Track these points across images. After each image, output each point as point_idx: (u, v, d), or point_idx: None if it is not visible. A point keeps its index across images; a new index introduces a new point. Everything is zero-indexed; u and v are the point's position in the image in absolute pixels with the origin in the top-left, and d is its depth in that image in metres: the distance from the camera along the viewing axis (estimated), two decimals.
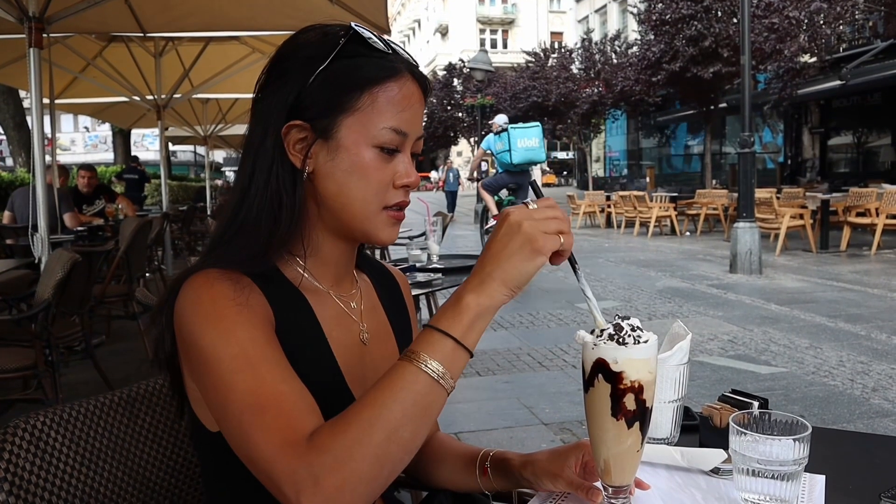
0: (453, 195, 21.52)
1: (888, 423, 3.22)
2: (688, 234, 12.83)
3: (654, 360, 0.76)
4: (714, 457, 0.92)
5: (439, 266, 2.94)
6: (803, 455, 0.79)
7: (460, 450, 1.00)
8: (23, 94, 11.19)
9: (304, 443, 0.67)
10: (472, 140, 23.73)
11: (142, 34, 5.49)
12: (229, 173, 36.20)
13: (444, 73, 33.23)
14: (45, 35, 3.71)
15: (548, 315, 5.72)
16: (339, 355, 0.86)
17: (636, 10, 17.77)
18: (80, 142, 42.07)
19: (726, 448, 0.87)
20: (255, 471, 0.69)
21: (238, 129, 11.35)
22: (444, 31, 51.51)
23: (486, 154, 8.97)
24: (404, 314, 1.03)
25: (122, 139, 19.13)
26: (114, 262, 4.61)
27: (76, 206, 6.50)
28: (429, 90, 0.88)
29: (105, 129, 34.35)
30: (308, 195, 0.84)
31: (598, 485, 0.83)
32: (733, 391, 1.08)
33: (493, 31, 50.35)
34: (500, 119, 8.31)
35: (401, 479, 1.04)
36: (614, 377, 0.74)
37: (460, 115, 30.91)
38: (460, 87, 31.55)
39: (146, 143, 35.40)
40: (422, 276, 2.72)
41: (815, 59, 15.77)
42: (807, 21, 14.38)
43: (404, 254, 3.14)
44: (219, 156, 35.43)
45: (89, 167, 7.35)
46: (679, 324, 1.05)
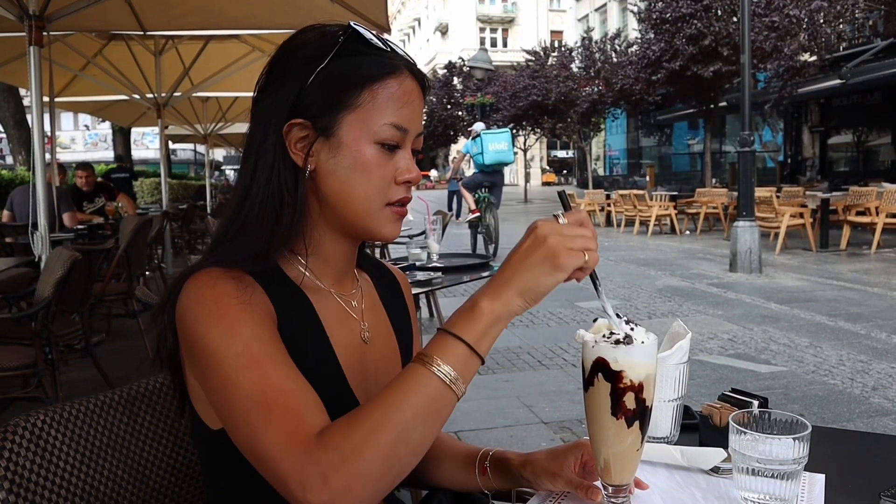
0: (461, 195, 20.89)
1: (888, 421, 3.22)
2: (688, 232, 12.82)
3: (654, 358, 0.76)
4: (714, 456, 0.92)
5: (439, 265, 2.94)
6: (803, 454, 0.79)
7: (460, 449, 1.00)
8: (23, 92, 11.17)
9: (311, 440, 0.67)
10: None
11: (142, 32, 5.48)
12: (229, 172, 36.22)
13: (444, 71, 33.20)
14: (45, 33, 3.71)
15: (548, 314, 5.72)
16: (341, 354, 0.86)
17: (636, 9, 17.75)
18: (80, 140, 42.05)
19: (726, 447, 0.87)
20: (260, 468, 0.69)
21: (238, 127, 11.34)
22: (444, 30, 51.49)
23: (465, 157, 9.92)
24: (405, 313, 1.04)
25: (122, 137, 19.13)
26: (114, 260, 4.60)
27: (76, 205, 6.50)
28: (427, 87, 0.88)
29: (105, 128, 34.37)
30: (310, 193, 0.84)
31: (597, 484, 0.83)
32: (733, 390, 1.08)
33: (493, 30, 50.34)
34: (478, 126, 9.50)
35: None
36: (614, 376, 0.74)
37: (460, 113, 30.87)
38: (460, 86, 31.53)
39: (146, 142, 35.39)
40: (422, 275, 2.71)
41: (815, 57, 15.77)
42: (807, 20, 14.38)
43: (404, 252, 3.13)
44: (219, 154, 35.42)
45: (86, 165, 7.35)
46: (679, 323, 1.06)
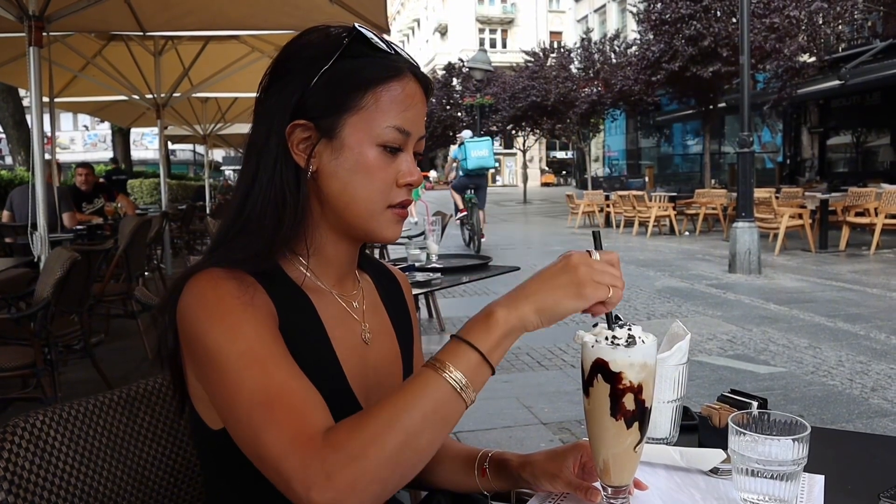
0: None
1: (887, 422, 3.22)
2: (687, 233, 12.82)
3: (654, 359, 0.76)
4: (713, 457, 0.92)
5: (438, 266, 2.94)
6: (802, 455, 0.79)
7: (459, 450, 1.00)
8: (22, 92, 11.18)
9: (315, 438, 0.67)
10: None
11: (141, 33, 5.48)
12: (228, 172, 36.20)
13: (444, 72, 33.23)
14: (44, 33, 3.71)
15: None
16: (342, 354, 0.86)
17: (635, 10, 17.78)
18: (80, 140, 42.03)
19: (725, 448, 0.87)
20: (263, 468, 0.69)
21: (237, 128, 11.34)
22: (443, 31, 51.50)
23: (454, 161, 11.09)
24: (405, 314, 1.04)
25: (121, 138, 19.14)
26: (113, 260, 4.60)
27: (75, 205, 6.49)
28: (431, 91, 0.88)
29: (104, 128, 34.31)
30: (311, 194, 0.84)
31: (596, 485, 0.83)
32: (732, 391, 1.08)
33: (493, 31, 50.36)
34: (465, 133, 10.76)
35: None
36: (613, 377, 0.74)
37: (459, 114, 30.90)
38: (459, 87, 31.57)
39: (145, 142, 35.37)
40: (421, 276, 2.71)
41: (814, 58, 15.78)
42: (806, 20, 14.39)
43: (403, 253, 3.13)
44: (218, 155, 35.41)
45: (86, 164, 7.33)
46: (678, 323, 1.05)
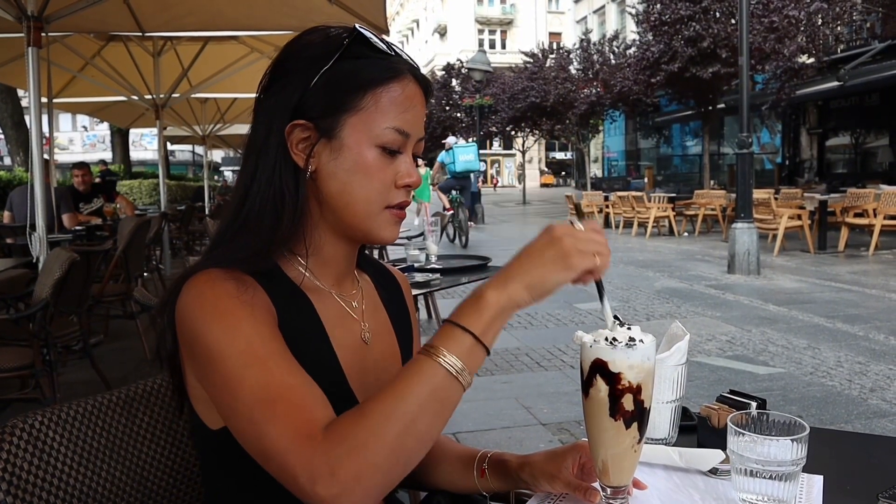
0: (474, 196, 15.19)
1: (886, 423, 3.22)
2: (686, 234, 12.83)
3: (653, 360, 0.76)
4: (712, 457, 0.92)
5: (437, 266, 2.94)
6: (801, 455, 0.79)
7: (458, 451, 1.00)
8: (21, 92, 11.18)
9: (318, 433, 0.67)
10: (469, 140, 23.54)
11: (140, 34, 5.47)
12: (228, 173, 36.20)
13: (443, 73, 33.20)
14: (43, 34, 3.70)
15: (546, 315, 5.72)
16: (341, 354, 0.86)
17: (634, 11, 17.77)
18: (79, 141, 42.04)
19: (724, 448, 0.87)
20: (267, 465, 0.70)
21: (237, 128, 11.34)
22: (442, 32, 51.49)
23: (441, 166, 12.22)
24: (405, 314, 1.04)
25: (120, 138, 19.14)
26: (112, 261, 4.60)
27: (74, 205, 6.48)
28: (430, 93, 0.89)
29: (103, 129, 34.30)
30: (310, 194, 0.84)
31: (595, 485, 0.83)
32: (731, 391, 1.08)
33: (492, 32, 50.34)
34: (451, 140, 12.10)
35: None
36: (612, 378, 0.74)
37: (459, 115, 30.89)
38: (459, 88, 31.53)
39: (144, 143, 35.38)
40: (420, 277, 2.71)
41: (813, 59, 15.79)
42: (805, 21, 14.40)
43: (402, 254, 3.14)
44: (217, 155, 35.41)
45: (83, 165, 7.29)
46: (677, 324, 1.06)
